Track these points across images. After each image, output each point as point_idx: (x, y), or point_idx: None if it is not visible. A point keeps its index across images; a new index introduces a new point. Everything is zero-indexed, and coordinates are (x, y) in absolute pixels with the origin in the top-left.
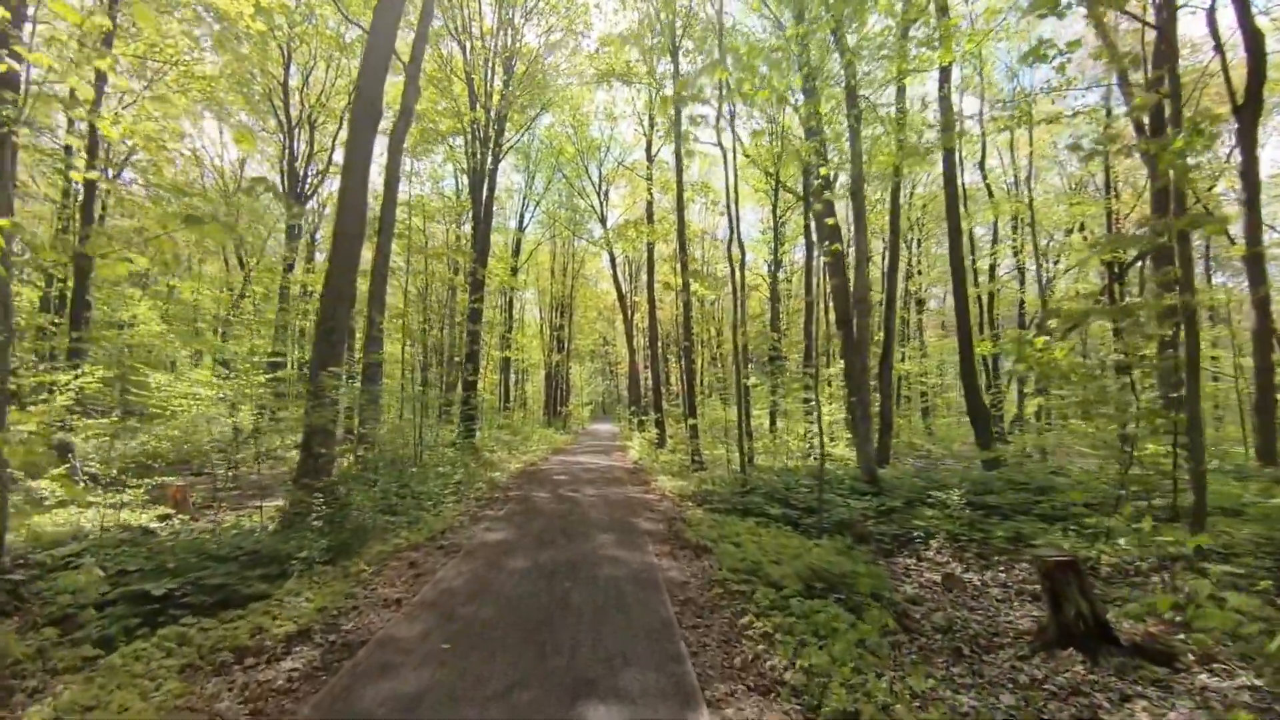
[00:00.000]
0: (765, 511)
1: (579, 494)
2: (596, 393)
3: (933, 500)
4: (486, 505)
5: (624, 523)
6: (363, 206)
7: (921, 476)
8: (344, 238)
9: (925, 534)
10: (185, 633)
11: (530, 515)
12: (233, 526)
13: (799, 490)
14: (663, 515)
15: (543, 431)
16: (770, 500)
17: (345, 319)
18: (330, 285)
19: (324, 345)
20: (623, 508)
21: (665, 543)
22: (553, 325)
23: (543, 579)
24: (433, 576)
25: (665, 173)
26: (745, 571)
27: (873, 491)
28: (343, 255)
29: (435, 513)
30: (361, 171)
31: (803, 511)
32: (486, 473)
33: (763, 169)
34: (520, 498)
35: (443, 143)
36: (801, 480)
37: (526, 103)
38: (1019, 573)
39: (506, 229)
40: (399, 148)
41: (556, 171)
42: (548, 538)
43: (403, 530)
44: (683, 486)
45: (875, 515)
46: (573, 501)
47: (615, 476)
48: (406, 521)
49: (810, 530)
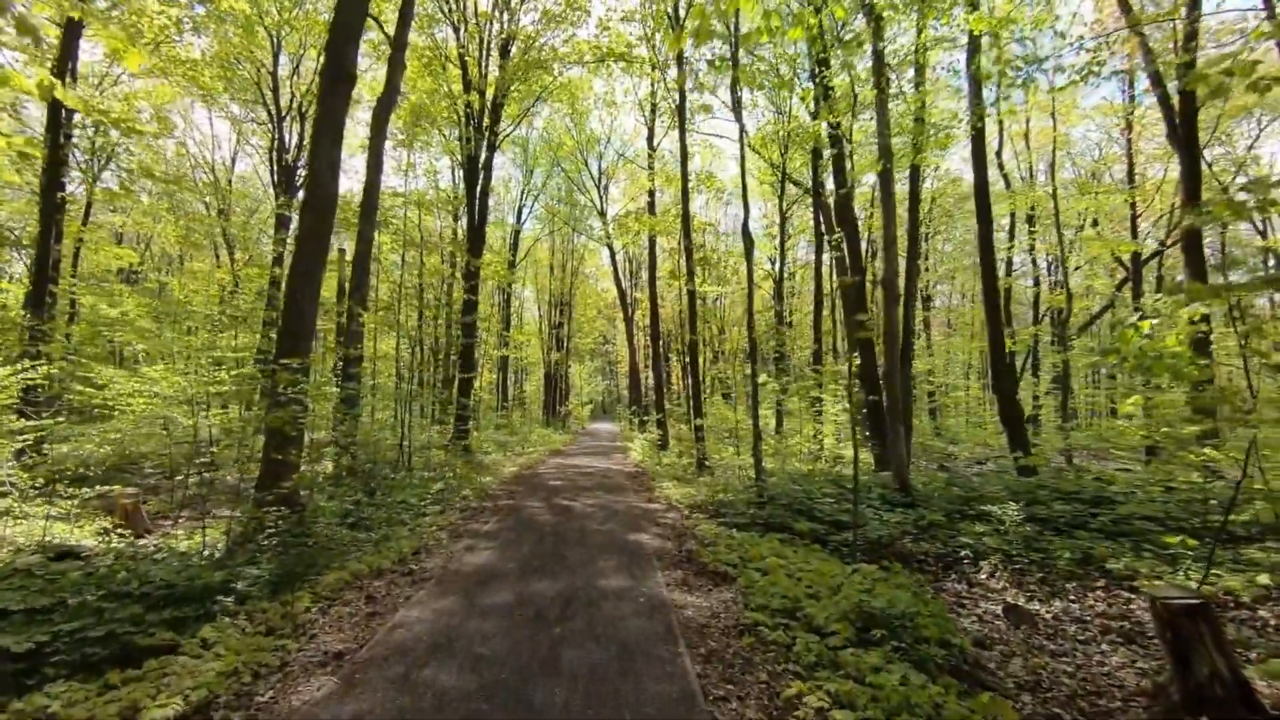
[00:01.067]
0: (788, 526)
1: (576, 503)
2: (597, 392)
3: (976, 512)
4: (472, 517)
5: (627, 540)
6: (332, 181)
7: (958, 484)
8: (312, 214)
9: (974, 554)
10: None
11: (520, 530)
12: (168, 548)
13: (822, 500)
14: (671, 530)
15: (541, 432)
16: (792, 512)
17: (311, 306)
18: (295, 267)
19: (287, 336)
20: (625, 520)
21: (677, 567)
22: (552, 323)
23: (527, 623)
24: (391, 617)
25: (669, 165)
26: (780, 611)
27: (906, 502)
28: (309, 234)
29: (412, 526)
30: (330, 141)
31: (830, 526)
32: (477, 478)
33: (768, 159)
34: (511, 508)
35: (435, 129)
36: (823, 488)
37: (524, 92)
38: (1094, 603)
39: (504, 223)
40: (383, 125)
41: (555, 166)
42: (538, 561)
43: (369, 550)
44: (690, 494)
45: (914, 531)
46: (569, 512)
47: (616, 482)
48: (377, 539)
49: (842, 549)
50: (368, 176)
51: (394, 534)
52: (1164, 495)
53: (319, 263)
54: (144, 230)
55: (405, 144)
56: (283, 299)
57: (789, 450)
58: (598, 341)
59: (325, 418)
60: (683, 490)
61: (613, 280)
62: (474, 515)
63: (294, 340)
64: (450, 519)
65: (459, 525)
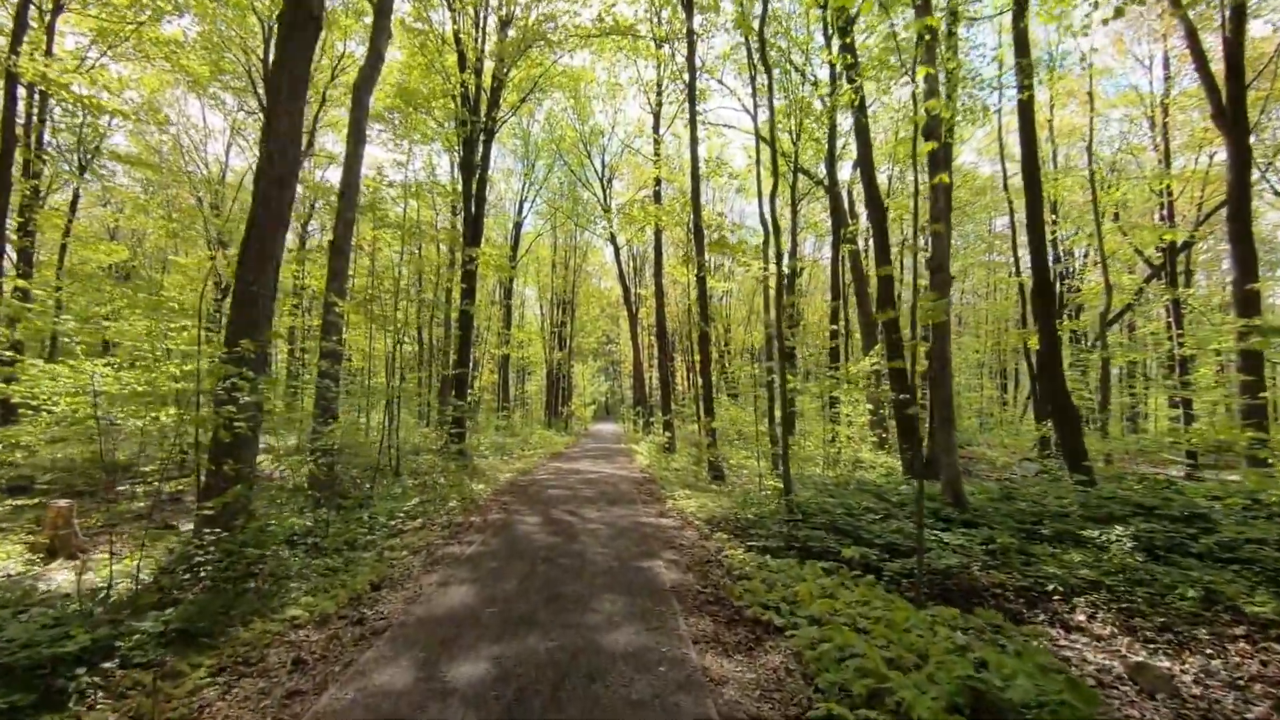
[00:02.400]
0: (832, 551)
1: (577, 518)
2: (600, 392)
3: (1052, 532)
4: (455, 535)
5: (638, 570)
6: (292, 144)
7: (1016, 495)
8: (267, 182)
9: (1065, 588)
10: None
11: (509, 555)
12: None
13: (863, 515)
14: (690, 555)
15: (542, 433)
16: (833, 533)
17: (267, 292)
18: (247, 247)
19: (236, 326)
20: (634, 541)
21: (704, 611)
22: (554, 322)
23: (504, 713)
24: (316, 701)
25: (677, 152)
26: (861, 699)
27: (965, 519)
28: (264, 206)
29: (381, 550)
30: (290, 94)
31: (882, 551)
32: (469, 485)
33: (780, 149)
34: (501, 524)
35: (430, 118)
36: (863, 501)
37: (524, 78)
38: (1242, 659)
39: (505, 213)
40: (365, 97)
41: (558, 159)
42: (525, 603)
43: (318, 585)
44: (706, 507)
45: (984, 557)
46: (568, 531)
47: (622, 491)
48: (334, 567)
49: (900, 581)
50: (348, 152)
51: (355, 561)
52: (1253, 508)
53: (276, 241)
54: (138, 226)
55: (403, 135)
56: (232, 284)
57: (803, 454)
58: (601, 341)
59: (302, 421)
60: (697, 501)
61: (616, 278)
62: (457, 533)
63: (245, 331)
64: (428, 538)
65: (437, 547)
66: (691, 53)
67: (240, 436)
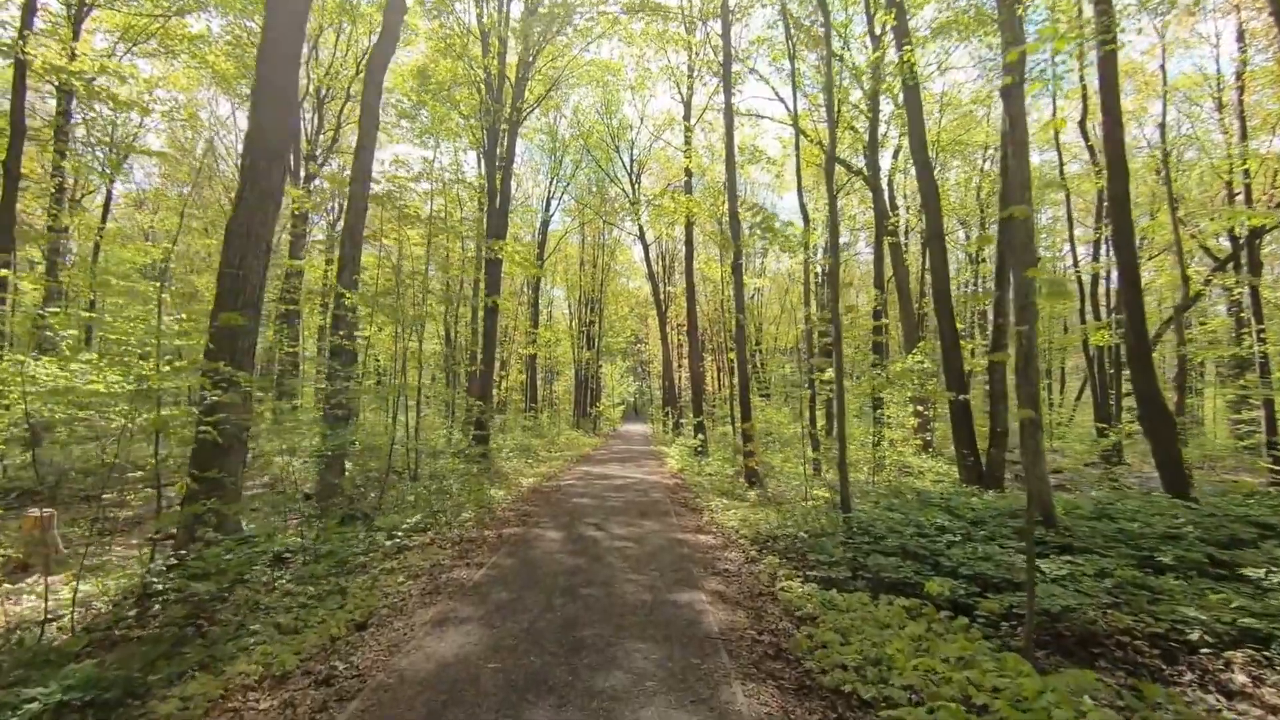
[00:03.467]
0: (908, 584)
1: (604, 534)
2: (628, 393)
3: (1176, 561)
4: (464, 555)
5: (676, 609)
6: (285, 104)
7: (1113, 514)
8: (258, 153)
9: (1213, 636)
10: None
11: (522, 585)
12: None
13: (939, 538)
14: (738, 585)
15: (569, 434)
16: (907, 559)
17: (257, 273)
18: (233, 225)
19: (228, 310)
20: (670, 565)
21: (763, 673)
22: (582, 321)
23: None
24: None
25: (708, 139)
26: None
27: (1058, 542)
28: (253, 179)
29: (376, 574)
30: (284, 59)
31: (970, 584)
32: (489, 491)
33: (815, 140)
34: (518, 540)
35: (455, 112)
36: (933, 517)
37: (548, 67)
38: None
39: (531, 207)
40: (379, 77)
41: (585, 154)
42: (538, 656)
43: (292, 622)
44: (748, 521)
45: (1097, 593)
46: (594, 551)
47: (653, 499)
48: (317, 595)
49: (999, 624)
50: (360, 134)
51: (344, 589)
52: None
53: (266, 220)
54: (171, 228)
55: (431, 131)
56: (218, 267)
57: (833, 456)
58: (629, 341)
59: (310, 425)
60: (738, 514)
61: (645, 276)
62: (467, 551)
63: (237, 315)
64: (435, 557)
65: (442, 570)
66: (726, 31)
67: (223, 441)
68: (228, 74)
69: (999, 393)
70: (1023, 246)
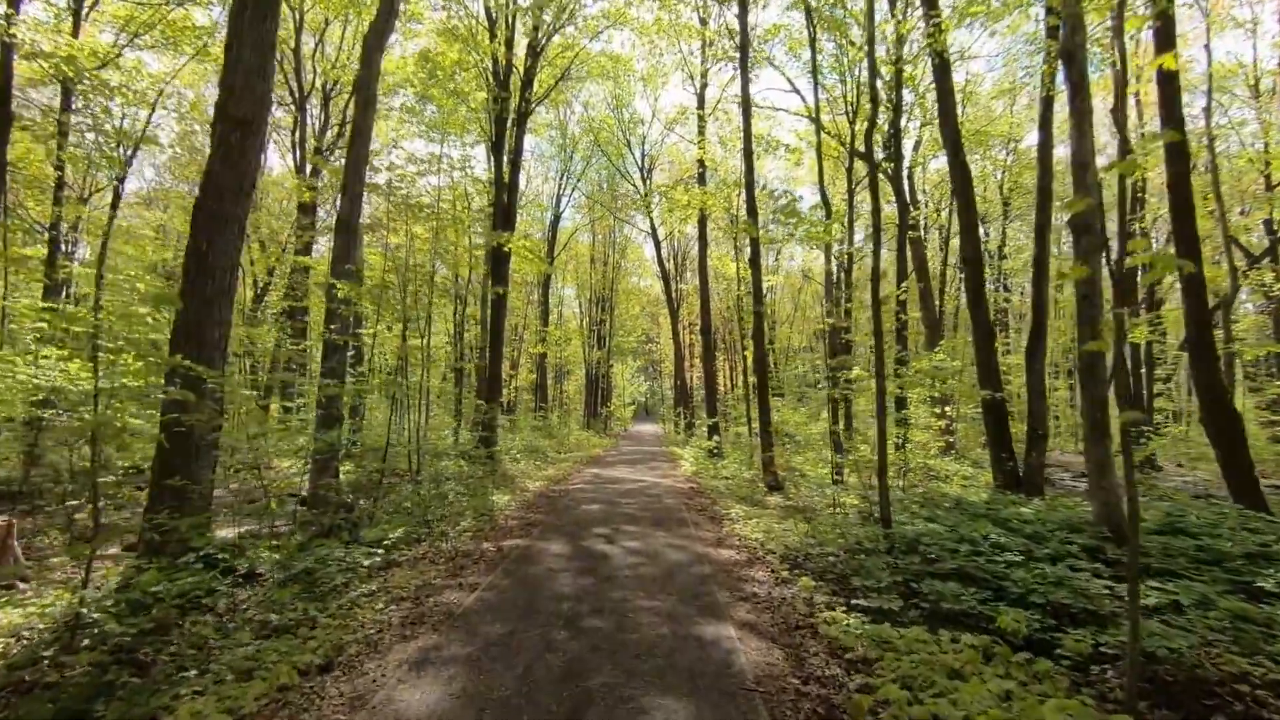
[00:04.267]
0: (971, 615)
1: (615, 546)
2: (639, 393)
3: (1272, 588)
4: (458, 573)
5: (700, 646)
6: (259, 79)
7: (1189, 528)
8: (228, 125)
9: None
10: None
11: (519, 614)
12: None
13: (997, 556)
14: (771, 615)
15: (580, 434)
16: (965, 582)
17: (228, 256)
18: (201, 204)
19: (195, 299)
20: (690, 588)
21: None
22: (593, 320)
23: None
24: None
25: (724, 136)
26: None
27: (1141, 564)
28: (224, 153)
29: (354, 596)
30: (257, 18)
31: (1043, 615)
32: (493, 496)
33: (834, 133)
34: (520, 555)
35: (463, 105)
36: (985, 531)
37: (558, 58)
38: None
39: (542, 202)
40: (375, 55)
41: (595, 149)
42: (533, 716)
43: (241, 662)
44: (775, 533)
45: (1204, 628)
46: (603, 569)
47: (668, 506)
48: (278, 629)
49: (1087, 669)
50: (355, 118)
51: (314, 618)
52: None
53: (238, 199)
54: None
55: (438, 125)
56: (185, 251)
57: (864, 459)
58: (640, 340)
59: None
60: (761, 524)
61: (656, 274)
62: (461, 568)
63: (198, 311)
64: (425, 574)
65: (429, 593)
66: (743, 11)
67: (188, 445)
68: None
69: (1037, 391)
70: (1086, 227)
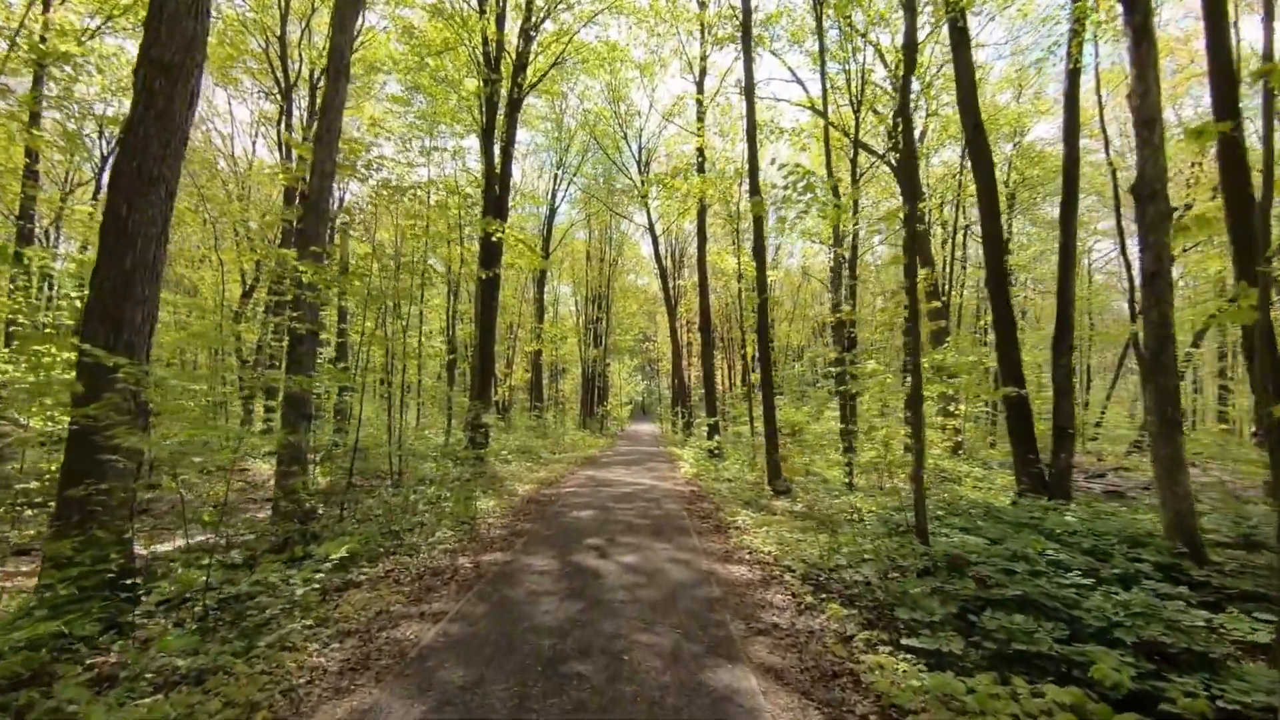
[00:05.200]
0: (1050, 659)
1: (609, 562)
2: (636, 391)
3: None
4: (420, 600)
5: (715, 701)
6: (189, 18)
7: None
8: (154, 69)
9: None
10: None
11: (489, 655)
12: None
13: (1060, 580)
14: (799, 653)
15: (575, 434)
16: (1032, 613)
17: (155, 223)
18: (126, 158)
19: (111, 272)
20: (697, 616)
21: None
22: (589, 318)
23: None
24: None
25: (722, 126)
26: None
27: (1220, 583)
28: (149, 101)
29: (289, 633)
30: None
31: (1135, 658)
32: (478, 502)
33: (838, 125)
34: (499, 574)
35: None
36: (1040, 546)
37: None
38: None
39: (536, 197)
40: (350, 21)
41: (591, 142)
42: None
43: None
44: (788, 543)
45: None
46: (594, 592)
47: (668, 513)
48: (189, 671)
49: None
50: (326, 89)
51: (229, 665)
52: None
53: (165, 156)
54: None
55: (427, 114)
56: (102, 216)
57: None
58: (638, 339)
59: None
60: (772, 533)
61: (654, 270)
62: (429, 590)
63: (115, 287)
64: (383, 600)
65: (385, 624)
66: None
67: (96, 448)
68: (217, 59)
69: (1063, 387)
70: (1152, 194)
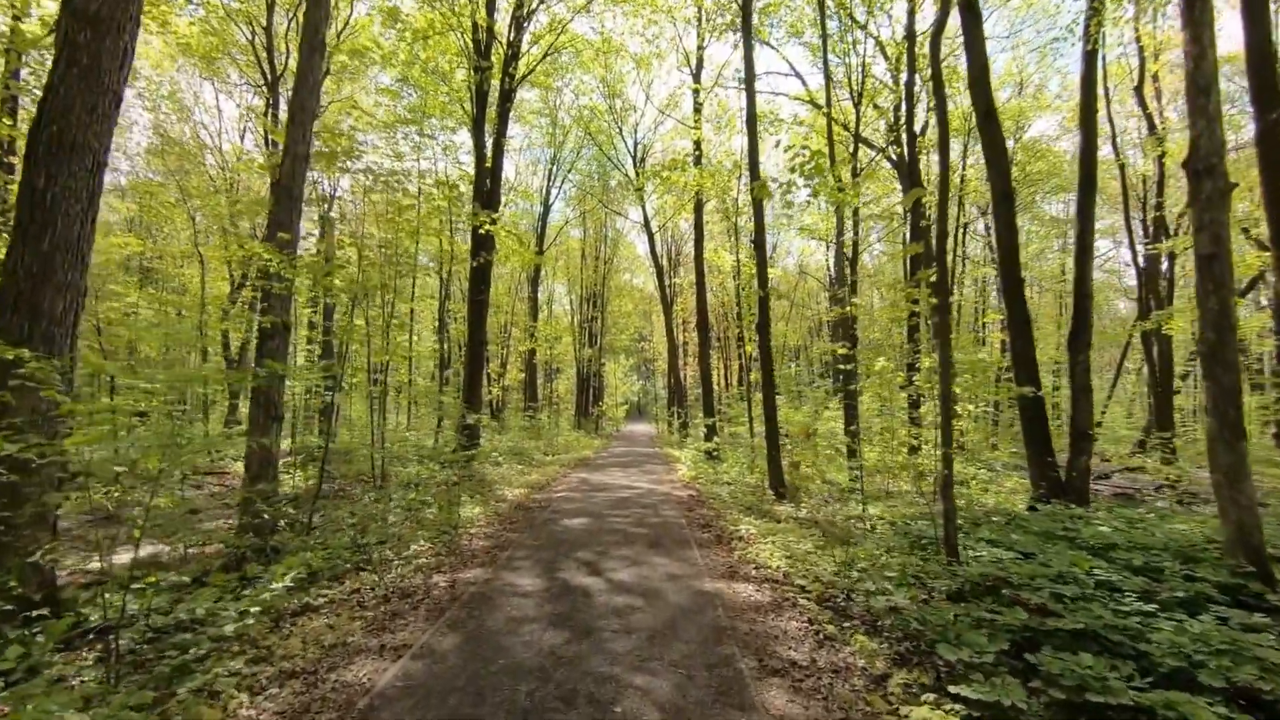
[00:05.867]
0: (1125, 709)
1: (601, 580)
2: (632, 392)
3: None
4: (382, 630)
5: None
6: None
7: None
8: (78, 21)
9: None
10: None
11: (451, 714)
12: None
13: (1119, 606)
14: (824, 701)
15: (570, 435)
16: (1095, 647)
17: (78, 195)
18: (44, 121)
19: (28, 253)
20: (703, 655)
21: None
22: (584, 317)
23: None
24: None
25: (720, 122)
26: None
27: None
28: (72, 58)
29: (216, 675)
30: None
31: (1228, 707)
32: (462, 508)
33: (839, 120)
34: (476, 596)
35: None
36: (1088, 565)
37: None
38: None
39: (530, 194)
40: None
41: (586, 140)
42: None
43: None
44: (801, 558)
45: None
46: (583, 619)
47: (666, 520)
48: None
49: None
50: (299, 65)
51: (133, 717)
52: None
53: (90, 121)
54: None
55: (418, 108)
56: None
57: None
58: (633, 338)
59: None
60: (779, 543)
61: (650, 269)
62: (394, 617)
63: (36, 270)
64: (339, 631)
65: (336, 662)
66: None
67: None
68: (200, 49)
69: (1082, 386)
70: (1209, 170)
